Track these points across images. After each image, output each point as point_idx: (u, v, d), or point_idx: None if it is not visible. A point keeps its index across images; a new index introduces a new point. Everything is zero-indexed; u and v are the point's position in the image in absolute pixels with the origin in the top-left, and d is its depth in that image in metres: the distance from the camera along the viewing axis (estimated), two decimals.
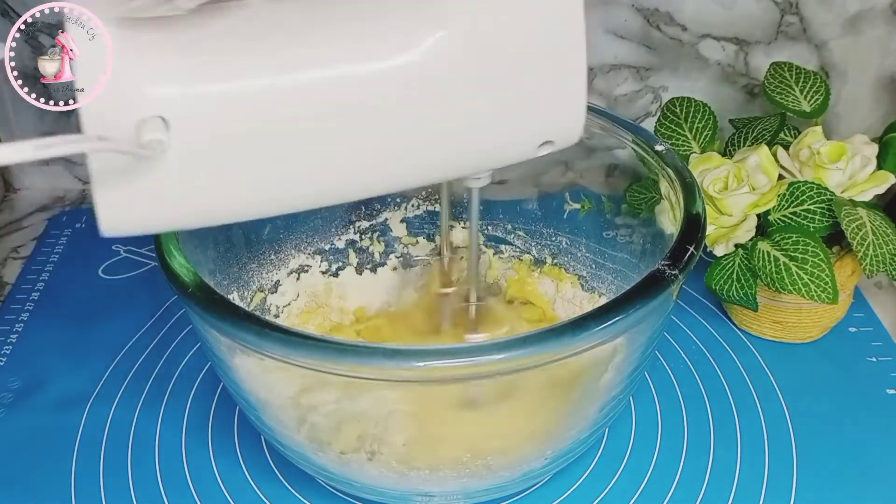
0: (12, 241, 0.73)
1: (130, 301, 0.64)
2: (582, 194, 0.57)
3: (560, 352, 0.38)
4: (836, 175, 0.55)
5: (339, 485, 0.49)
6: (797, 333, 0.60)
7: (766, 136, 0.59)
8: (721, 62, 0.71)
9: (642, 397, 0.56)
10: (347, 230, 0.60)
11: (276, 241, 0.57)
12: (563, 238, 0.59)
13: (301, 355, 0.37)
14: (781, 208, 0.55)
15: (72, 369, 0.59)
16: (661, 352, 0.59)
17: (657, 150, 0.49)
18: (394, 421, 0.44)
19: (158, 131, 0.31)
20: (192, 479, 0.51)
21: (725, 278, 0.56)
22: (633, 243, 0.53)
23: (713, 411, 0.55)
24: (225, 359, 0.43)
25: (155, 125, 0.31)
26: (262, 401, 0.44)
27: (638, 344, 0.44)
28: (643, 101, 0.74)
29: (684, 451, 0.53)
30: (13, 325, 0.63)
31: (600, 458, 0.52)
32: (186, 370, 0.59)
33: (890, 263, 0.53)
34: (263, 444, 0.53)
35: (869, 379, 0.57)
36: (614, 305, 0.39)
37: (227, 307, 0.39)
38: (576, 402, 0.45)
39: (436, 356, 0.37)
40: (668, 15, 0.69)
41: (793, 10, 0.68)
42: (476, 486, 0.46)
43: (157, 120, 0.31)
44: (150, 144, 0.31)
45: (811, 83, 0.60)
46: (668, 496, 0.50)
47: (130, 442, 0.54)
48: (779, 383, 0.57)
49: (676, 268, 0.40)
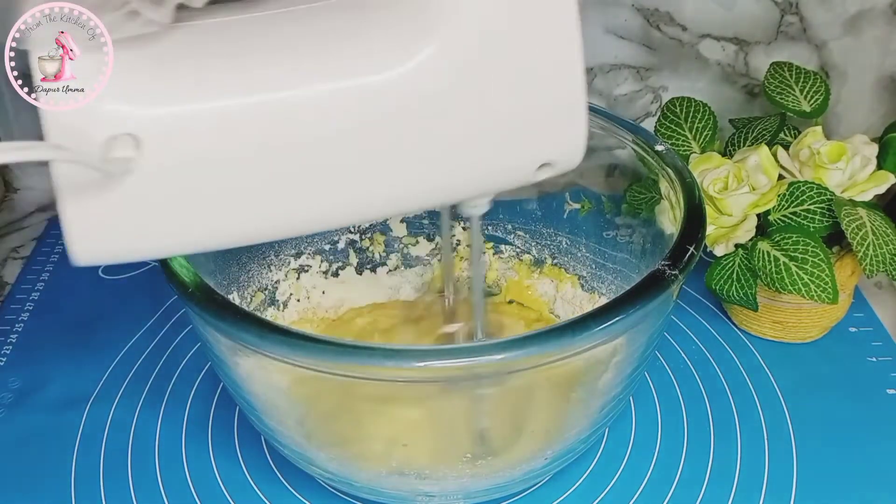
0: (12, 241, 0.73)
1: (130, 301, 0.64)
2: (582, 194, 0.57)
3: (560, 352, 0.38)
4: (836, 175, 0.55)
5: (339, 485, 0.49)
6: (797, 333, 0.60)
7: (766, 136, 0.59)
8: (721, 62, 0.71)
9: (642, 397, 0.56)
10: (347, 230, 0.60)
11: (276, 241, 0.57)
12: (563, 238, 0.59)
13: (301, 355, 0.37)
14: (781, 208, 0.55)
15: (72, 369, 0.59)
16: (661, 352, 0.59)
17: (657, 150, 0.49)
18: (394, 421, 0.44)
19: (128, 149, 0.30)
20: (192, 479, 0.51)
21: (725, 278, 0.56)
22: (633, 243, 0.53)
23: (713, 411, 0.55)
24: (225, 359, 0.43)
25: (124, 143, 0.30)
26: (262, 401, 0.44)
27: (638, 344, 0.44)
28: (643, 101, 0.74)
29: (684, 451, 0.53)
30: (13, 325, 0.63)
31: (600, 458, 0.52)
32: (186, 370, 0.59)
33: (890, 263, 0.53)
34: (263, 444, 0.53)
35: (869, 379, 0.57)
36: (614, 305, 0.39)
37: (227, 307, 0.39)
38: (576, 402, 0.45)
39: (436, 356, 0.37)
40: (668, 15, 0.69)
41: (793, 10, 0.68)
42: (476, 486, 0.46)
43: (126, 137, 0.30)
44: (118, 162, 0.30)
45: (811, 83, 0.60)
46: (668, 496, 0.50)
47: (130, 442, 0.54)
48: (779, 383, 0.57)
49: (676, 268, 0.40)
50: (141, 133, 0.30)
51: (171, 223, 0.33)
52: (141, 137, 0.30)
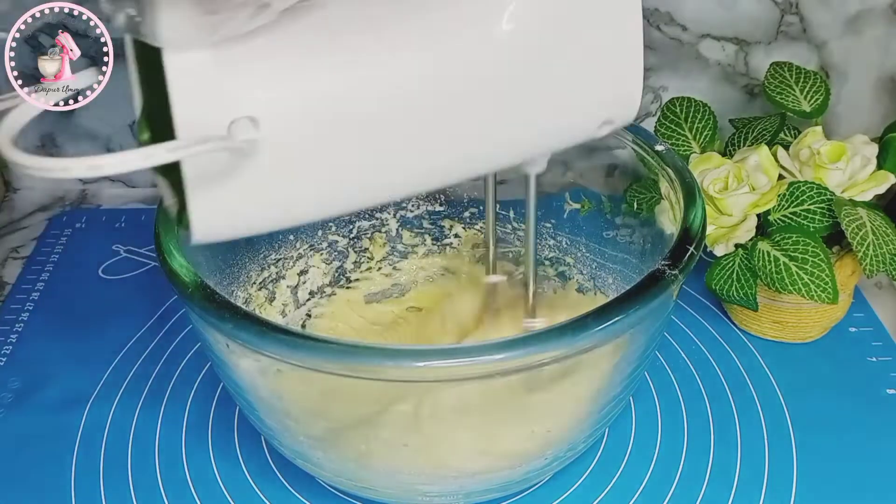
0: (12, 241, 0.73)
1: (130, 301, 0.64)
2: (582, 194, 0.57)
3: (560, 352, 0.38)
4: (836, 175, 0.55)
5: (339, 485, 0.49)
6: (797, 333, 0.60)
7: (766, 136, 0.59)
8: (721, 62, 0.71)
9: (642, 397, 0.56)
10: (348, 230, 0.60)
11: (276, 241, 0.57)
12: (564, 238, 0.59)
13: (301, 355, 0.38)
14: (781, 208, 0.55)
15: (72, 369, 0.59)
16: (661, 352, 0.59)
17: (657, 150, 0.49)
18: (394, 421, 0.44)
19: (249, 131, 0.32)
20: (192, 479, 0.51)
21: (725, 278, 0.56)
22: (633, 243, 0.53)
23: (713, 411, 0.55)
24: (225, 359, 0.43)
25: (245, 126, 0.32)
26: (262, 401, 0.44)
27: (638, 344, 0.44)
28: (643, 101, 0.74)
29: (684, 451, 0.53)
30: (13, 325, 0.63)
31: (600, 458, 0.52)
32: (186, 370, 0.59)
33: (890, 263, 0.53)
34: (263, 444, 0.53)
35: (869, 379, 0.57)
36: (614, 305, 0.39)
37: (227, 307, 0.39)
38: (576, 402, 0.45)
39: (436, 356, 0.37)
40: (668, 15, 0.69)
41: (793, 10, 0.68)
42: (476, 486, 0.46)
43: (245, 120, 0.32)
44: (243, 144, 0.32)
45: (811, 83, 0.60)
46: (668, 496, 0.50)
47: (130, 442, 0.54)
48: (779, 383, 0.57)
49: (676, 268, 0.41)
50: (259, 114, 0.32)
51: (287, 198, 0.35)
52: (259, 119, 0.32)
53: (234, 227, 0.36)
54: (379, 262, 0.61)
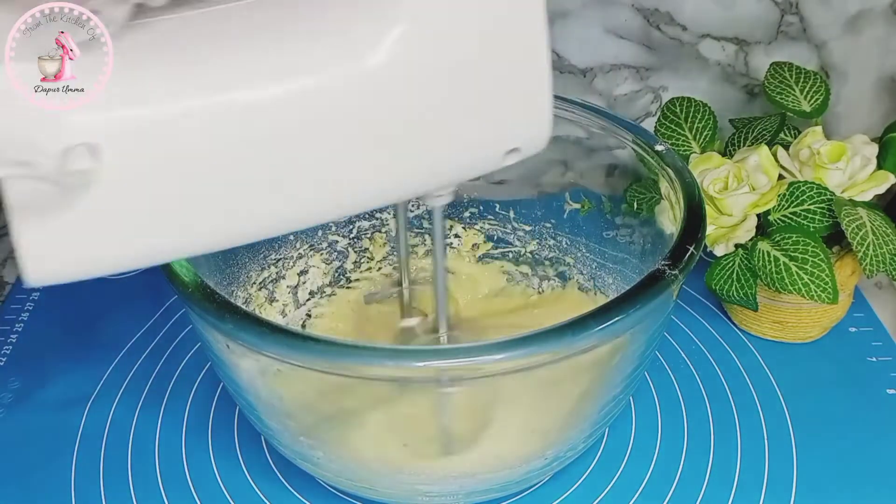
0: None
1: (130, 301, 0.64)
2: (582, 194, 0.57)
3: (560, 352, 0.38)
4: (836, 175, 0.55)
5: (339, 485, 0.49)
6: (797, 333, 0.60)
7: (766, 136, 0.59)
8: (721, 62, 0.71)
9: (642, 397, 0.56)
10: (348, 230, 0.60)
11: (276, 241, 0.57)
12: (564, 238, 0.59)
13: (301, 355, 0.38)
14: (781, 208, 0.55)
15: (72, 369, 0.59)
16: (661, 352, 0.59)
17: (657, 150, 0.49)
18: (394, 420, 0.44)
19: (85, 160, 0.28)
20: (192, 479, 0.51)
21: (725, 278, 0.56)
22: (634, 243, 0.53)
23: (713, 411, 0.55)
24: (225, 359, 0.43)
25: (80, 154, 0.28)
26: (262, 401, 0.44)
27: (638, 344, 0.44)
28: (643, 101, 0.74)
29: (684, 451, 0.53)
30: (13, 325, 0.63)
31: (600, 458, 0.52)
32: (186, 370, 0.59)
33: (890, 263, 0.53)
34: (263, 444, 0.53)
35: (869, 379, 0.57)
36: (614, 305, 0.39)
37: (227, 307, 0.39)
38: (576, 402, 0.45)
39: (436, 356, 0.37)
40: (668, 15, 0.69)
41: (793, 10, 0.68)
42: (476, 486, 0.46)
43: (82, 148, 0.28)
44: (75, 175, 0.28)
45: (811, 83, 0.60)
46: (668, 496, 0.50)
47: (130, 442, 0.54)
48: (779, 383, 0.57)
49: (676, 268, 0.41)
50: (98, 141, 0.29)
51: (132, 235, 0.32)
52: (98, 146, 0.29)
53: (75, 267, 0.31)
54: (379, 262, 0.61)
